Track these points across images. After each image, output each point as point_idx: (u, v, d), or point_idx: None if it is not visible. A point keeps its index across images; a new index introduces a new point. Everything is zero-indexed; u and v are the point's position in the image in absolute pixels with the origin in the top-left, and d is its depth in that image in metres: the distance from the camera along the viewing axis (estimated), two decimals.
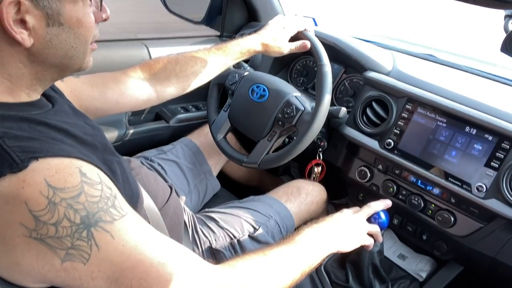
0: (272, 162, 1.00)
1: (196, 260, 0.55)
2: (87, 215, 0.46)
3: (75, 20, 0.53)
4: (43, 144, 0.48)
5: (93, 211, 0.46)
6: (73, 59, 0.55)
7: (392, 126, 0.99)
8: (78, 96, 0.78)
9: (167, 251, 0.52)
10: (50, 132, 0.51)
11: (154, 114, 1.36)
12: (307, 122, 0.95)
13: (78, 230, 0.45)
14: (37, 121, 0.51)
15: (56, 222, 0.44)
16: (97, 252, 0.46)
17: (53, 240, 0.44)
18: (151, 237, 0.52)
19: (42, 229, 0.44)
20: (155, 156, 1.13)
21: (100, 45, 1.19)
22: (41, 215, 0.44)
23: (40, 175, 0.44)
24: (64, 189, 0.45)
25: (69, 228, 0.45)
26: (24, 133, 0.48)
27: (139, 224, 0.52)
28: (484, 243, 0.88)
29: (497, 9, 0.55)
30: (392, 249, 1.11)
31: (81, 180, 0.47)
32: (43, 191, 0.44)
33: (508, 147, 0.83)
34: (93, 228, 0.46)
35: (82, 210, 0.45)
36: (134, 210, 0.54)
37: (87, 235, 0.46)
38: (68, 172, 0.46)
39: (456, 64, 1.19)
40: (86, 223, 0.46)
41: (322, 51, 0.96)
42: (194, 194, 1.13)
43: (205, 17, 1.42)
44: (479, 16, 3.51)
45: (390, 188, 1.01)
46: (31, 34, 0.49)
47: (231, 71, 1.11)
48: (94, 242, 0.46)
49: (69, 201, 0.45)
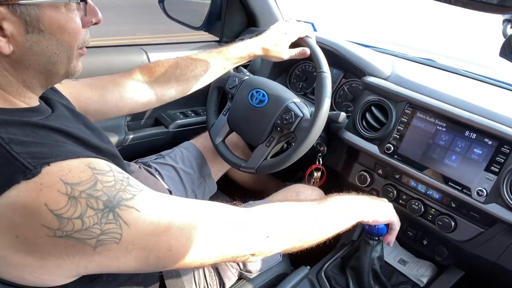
0: (269, 167, 1.00)
1: (218, 206, 0.59)
2: (108, 198, 0.47)
3: (57, 27, 0.51)
4: (51, 148, 0.48)
5: (112, 193, 0.48)
6: (57, 65, 0.54)
7: (392, 130, 0.99)
8: (77, 98, 0.78)
9: (191, 206, 0.55)
10: (54, 136, 0.51)
11: (154, 120, 1.36)
12: (306, 129, 0.94)
13: (104, 215, 0.46)
14: (40, 126, 0.51)
15: (81, 215, 0.45)
16: (128, 229, 0.48)
17: (80, 233, 0.45)
18: (173, 201, 0.55)
19: (67, 225, 0.45)
20: (153, 161, 1.12)
21: (99, 50, 1.22)
22: (64, 212, 0.44)
23: (56, 176, 0.45)
24: (80, 183, 0.46)
25: (95, 216, 0.46)
26: (29, 138, 0.48)
27: (158, 194, 0.54)
28: (485, 247, 0.87)
29: (496, 14, 0.55)
30: (392, 254, 1.10)
31: (93, 173, 0.48)
32: (61, 190, 0.45)
33: (508, 151, 0.83)
34: (117, 208, 0.47)
35: (102, 196, 0.47)
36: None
37: (114, 217, 0.47)
38: (79, 170, 0.47)
39: (455, 69, 1.19)
40: (110, 206, 0.47)
41: (322, 58, 0.96)
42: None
43: (204, 22, 1.42)
44: (478, 21, 3.53)
45: (390, 193, 1.01)
46: (9, 41, 0.48)
47: (231, 74, 1.11)
48: (122, 221, 0.47)
49: (88, 191, 0.46)
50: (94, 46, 1.21)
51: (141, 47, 1.27)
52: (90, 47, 1.21)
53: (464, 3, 0.56)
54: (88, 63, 1.15)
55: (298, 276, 0.94)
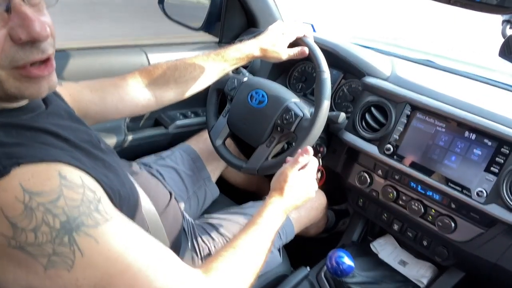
0: (271, 168, 1.00)
1: (182, 266, 0.54)
2: (67, 220, 0.44)
3: None
4: (29, 149, 0.46)
5: (73, 215, 0.44)
6: None
7: (391, 131, 0.99)
8: (77, 101, 0.78)
9: (155, 257, 0.50)
10: (40, 136, 0.50)
11: (153, 120, 1.36)
12: (306, 128, 0.94)
13: (58, 236, 0.43)
14: (26, 127, 0.50)
15: (35, 228, 0.42)
16: (81, 258, 0.44)
17: (33, 247, 0.43)
18: (139, 242, 0.50)
19: (21, 236, 0.42)
20: (154, 162, 1.12)
21: (99, 51, 1.21)
22: (18, 221, 0.42)
23: (16, 180, 0.43)
24: (41, 193, 0.43)
25: (48, 233, 0.43)
26: (11, 139, 0.47)
27: (126, 229, 0.50)
28: (485, 248, 0.87)
29: (495, 14, 0.56)
30: (392, 255, 1.10)
31: (60, 184, 0.45)
32: (18, 196, 0.42)
33: (507, 152, 0.83)
34: (75, 233, 0.44)
35: (61, 215, 0.43)
36: (123, 215, 0.52)
37: (69, 241, 0.43)
38: (45, 176, 0.44)
39: (454, 70, 1.19)
40: (67, 228, 0.43)
41: (321, 57, 0.96)
42: (193, 201, 1.13)
43: (204, 23, 1.42)
44: (477, 21, 3.54)
45: (390, 194, 1.01)
46: None
47: (230, 76, 1.11)
48: (77, 248, 0.44)
49: (47, 206, 0.43)
50: (94, 47, 1.21)
51: (141, 48, 1.27)
52: (90, 48, 1.21)
53: (463, 3, 0.56)
54: (88, 63, 1.16)
55: (298, 277, 0.94)
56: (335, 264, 0.86)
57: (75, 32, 2.15)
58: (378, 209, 1.10)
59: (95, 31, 3.68)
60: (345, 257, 0.89)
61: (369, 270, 1.03)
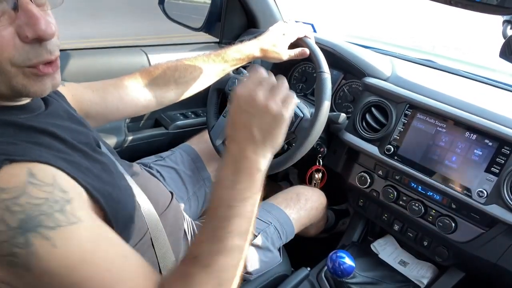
0: (271, 168, 0.99)
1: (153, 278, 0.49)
2: (25, 218, 0.41)
3: None
4: (17, 148, 0.45)
5: (33, 214, 0.41)
6: None
7: (392, 131, 0.99)
8: (79, 101, 0.78)
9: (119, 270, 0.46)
10: (35, 136, 0.50)
11: (153, 121, 1.36)
12: (306, 129, 0.94)
13: (15, 235, 0.41)
14: (25, 126, 0.50)
15: None
16: (38, 262, 0.41)
17: None
18: (106, 252, 0.46)
19: None
20: (154, 162, 1.12)
21: (100, 51, 1.21)
22: None
23: None
24: (5, 190, 0.41)
25: (5, 232, 0.40)
26: (7, 138, 0.46)
27: (94, 236, 0.46)
28: (485, 249, 0.87)
29: (495, 14, 0.56)
30: (393, 255, 1.10)
31: (26, 181, 0.43)
32: None
33: (508, 152, 0.83)
34: (31, 233, 0.41)
35: (20, 213, 0.41)
36: (98, 220, 0.48)
37: (25, 241, 0.41)
38: (13, 173, 0.43)
39: (455, 70, 1.19)
40: (24, 227, 0.41)
41: (322, 58, 0.96)
42: (193, 201, 1.13)
43: (204, 23, 1.42)
44: (478, 21, 3.54)
45: (391, 194, 1.01)
46: None
47: (230, 76, 1.11)
48: (33, 250, 0.41)
49: (7, 203, 0.41)
50: (94, 47, 1.21)
51: (141, 48, 1.27)
52: (90, 48, 1.21)
53: (464, 4, 0.56)
54: (88, 64, 1.16)
55: (298, 278, 0.94)
56: (335, 264, 0.86)
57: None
58: (379, 209, 1.10)
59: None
60: (345, 257, 0.89)
61: (369, 270, 1.03)
